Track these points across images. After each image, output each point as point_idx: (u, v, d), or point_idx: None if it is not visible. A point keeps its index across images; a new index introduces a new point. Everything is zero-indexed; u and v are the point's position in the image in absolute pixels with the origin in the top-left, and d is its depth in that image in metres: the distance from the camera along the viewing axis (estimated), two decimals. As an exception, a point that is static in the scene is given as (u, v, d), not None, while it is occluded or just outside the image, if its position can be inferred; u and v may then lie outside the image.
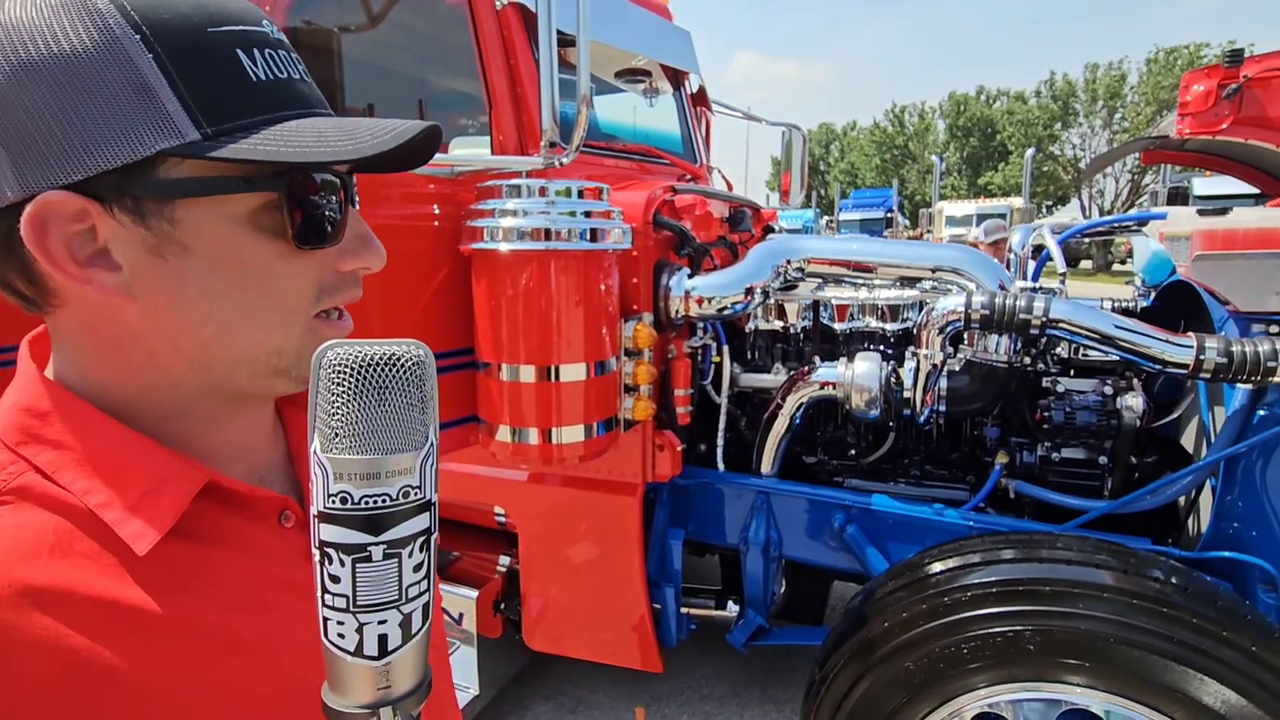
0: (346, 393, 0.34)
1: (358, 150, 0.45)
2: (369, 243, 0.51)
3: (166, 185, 0.42)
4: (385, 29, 2.04)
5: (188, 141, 0.41)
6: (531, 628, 2.22)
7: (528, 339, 1.68)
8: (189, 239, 0.44)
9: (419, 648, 0.37)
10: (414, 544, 0.35)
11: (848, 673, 1.47)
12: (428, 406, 0.36)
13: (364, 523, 0.34)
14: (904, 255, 2.01)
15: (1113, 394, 1.86)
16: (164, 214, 0.43)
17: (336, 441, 0.34)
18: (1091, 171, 14.17)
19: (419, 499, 0.35)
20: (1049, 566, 1.36)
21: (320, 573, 0.34)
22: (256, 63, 0.44)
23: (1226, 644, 1.20)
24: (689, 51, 2.77)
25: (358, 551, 0.34)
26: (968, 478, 2.11)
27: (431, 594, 0.37)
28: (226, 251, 0.45)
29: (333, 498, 0.34)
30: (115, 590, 0.41)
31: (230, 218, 0.45)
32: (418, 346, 0.35)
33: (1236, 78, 2.46)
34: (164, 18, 0.41)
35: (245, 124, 0.43)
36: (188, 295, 0.45)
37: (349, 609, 0.34)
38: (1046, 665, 1.29)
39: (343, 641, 0.35)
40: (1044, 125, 31.52)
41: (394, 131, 0.46)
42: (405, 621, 0.36)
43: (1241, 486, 1.60)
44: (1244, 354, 1.45)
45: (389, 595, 0.35)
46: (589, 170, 2.16)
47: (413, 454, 0.35)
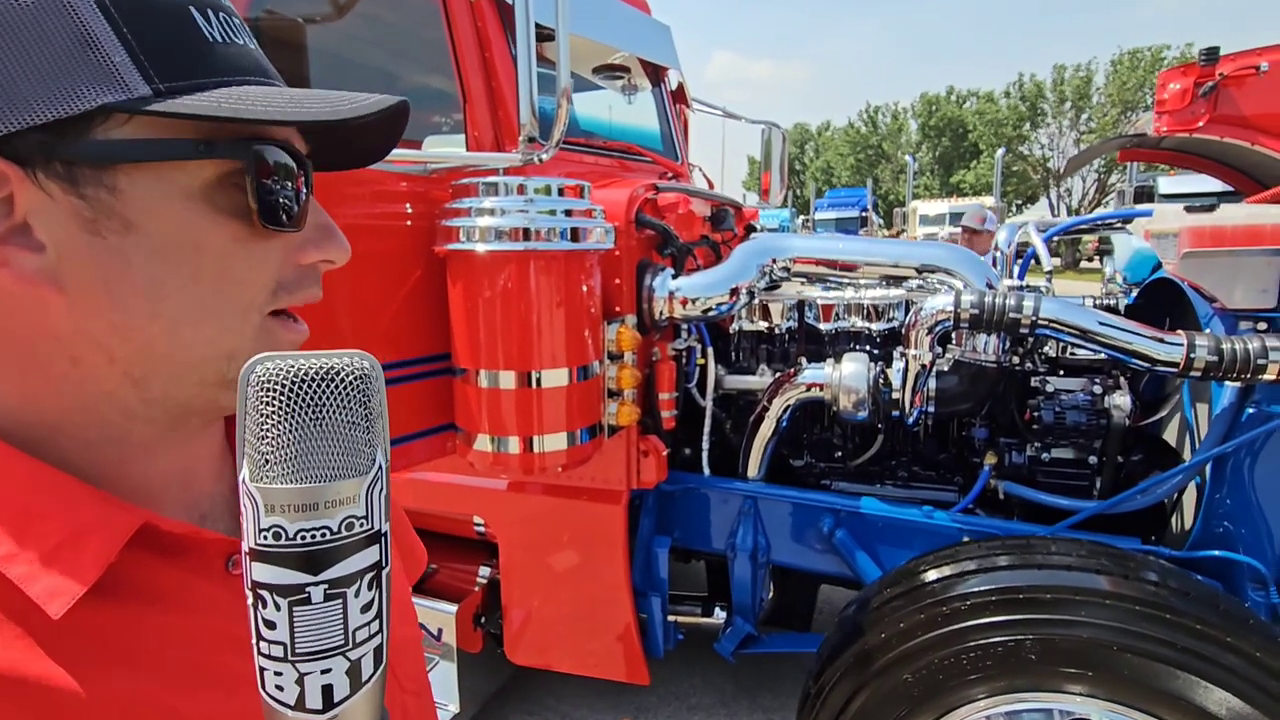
0: (277, 413, 0.30)
1: (335, 112, 0.39)
2: (332, 234, 0.45)
3: (108, 147, 0.36)
4: (353, 21, 1.96)
5: (137, 96, 0.35)
6: (513, 641, 2.15)
7: (507, 343, 1.61)
8: (134, 213, 0.37)
9: (371, 695, 0.33)
10: (360, 581, 0.31)
11: (844, 686, 1.43)
12: (374, 425, 0.32)
13: (301, 560, 0.30)
14: (890, 254, 1.98)
15: (1101, 393, 1.84)
16: (103, 181, 0.36)
17: (267, 469, 0.30)
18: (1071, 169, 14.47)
19: (365, 530, 0.31)
20: (1048, 573, 1.33)
21: (254, 617, 0.30)
22: (211, 24, 0.39)
23: (1230, 650, 1.18)
24: (669, 46, 2.72)
25: (295, 593, 0.30)
26: (956, 479, 2.09)
27: (385, 635, 0.33)
28: (178, 231, 0.38)
29: (264, 533, 0.30)
30: (22, 665, 0.33)
31: (183, 191, 0.38)
32: (361, 358, 0.31)
33: (1212, 76, 2.48)
34: None
35: (202, 83, 0.37)
36: (131, 284, 0.38)
37: (287, 658, 0.30)
38: (1047, 674, 1.26)
39: (281, 694, 0.31)
40: (1013, 125, 32.13)
41: (370, 100, 0.41)
42: (354, 669, 0.32)
43: (1230, 485, 1.59)
44: (1234, 352, 1.44)
45: (333, 641, 0.31)
46: (568, 168, 2.10)
47: (356, 480, 0.31)
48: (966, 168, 34.69)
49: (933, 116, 36.49)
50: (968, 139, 34.83)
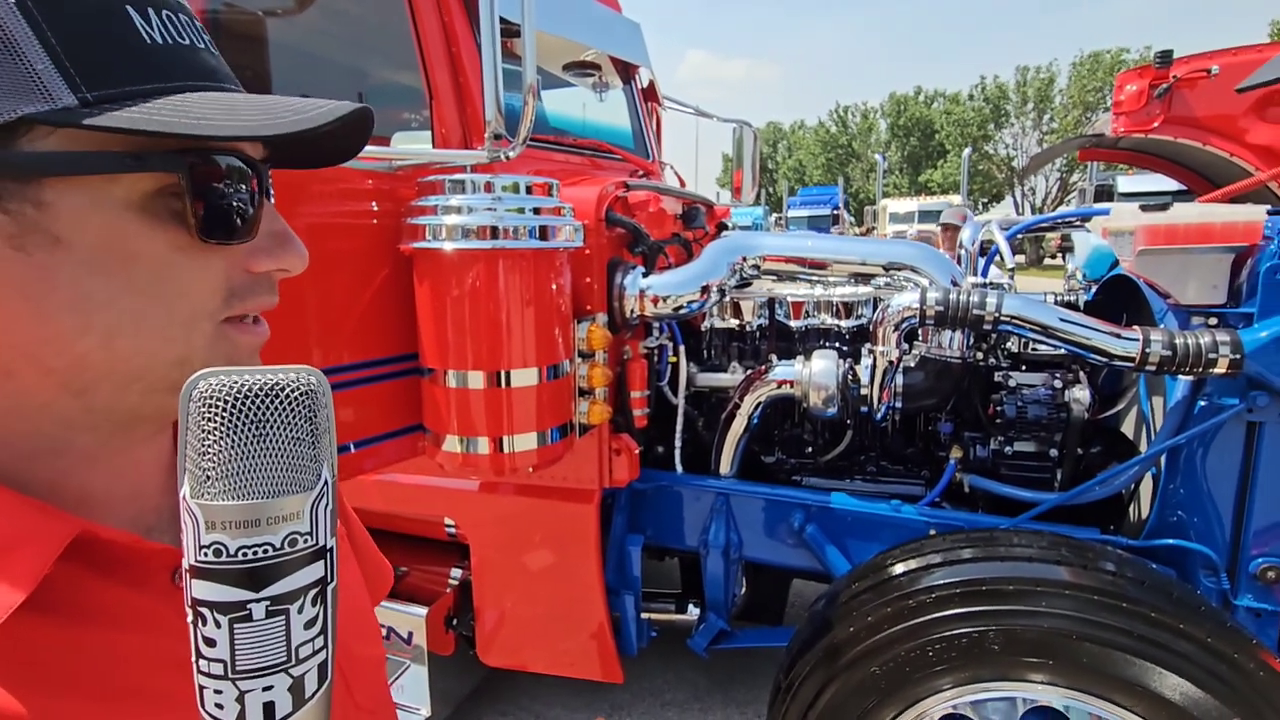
0: (219, 429, 0.29)
1: (275, 126, 0.37)
2: (287, 241, 0.43)
3: (31, 160, 0.34)
4: (315, 14, 1.92)
5: (61, 107, 0.33)
6: (486, 642, 2.14)
7: (475, 343, 1.59)
8: (62, 228, 0.35)
9: (316, 712, 0.33)
10: (305, 598, 0.31)
11: (814, 679, 1.44)
12: (320, 441, 0.32)
13: (243, 577, 0.30)
14: (858, 252, 2.00)
15: (1061, 387, 1.89)
16: (28, 195, 0.34)
17: (208, 485, 0.30)
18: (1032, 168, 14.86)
19: (310, 546, 0.31)
20: (1011, 565, 1.36)
21: (194, 635, 0.30)
22: (151, 23, 0.37)
23: (1183, 636, 1.22)
24: (639, 44, 2.71)
25: (235, 610, 0.30)
26: (923, 473, 2.12)
27: (330, 651, 0.32)
28: (111, 243, 0.37)
29: (205, 550, 0.29)
30: None
31: (117, 202, 0.37)
32: (308, 373, 0.31)
33: (1166, 78, 2.55)
34: None
35: (136, 90, 0.35)
36: (57, 300, 0.36)
37: (227, 675, 0.30)
38: (1011, 664, 1.29)
39: (220, 713, 0.30)
40: (978, 126, 32.76)
41: (319, 110, 0.39)
42: (296, 685, 0.31)
43: (1184, 475, 1.64)
44: (1187, 347, 1.48)
45: (275, 658, 0.31)
46: (537, 165, 2.08)
47: (301, 496, 0.31)
48: (934, 167, 35.31)
49: (901, 116, 37.06)
50: (935, 138, 35.45)
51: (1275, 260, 1.49)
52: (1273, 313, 1.49)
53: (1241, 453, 1.59)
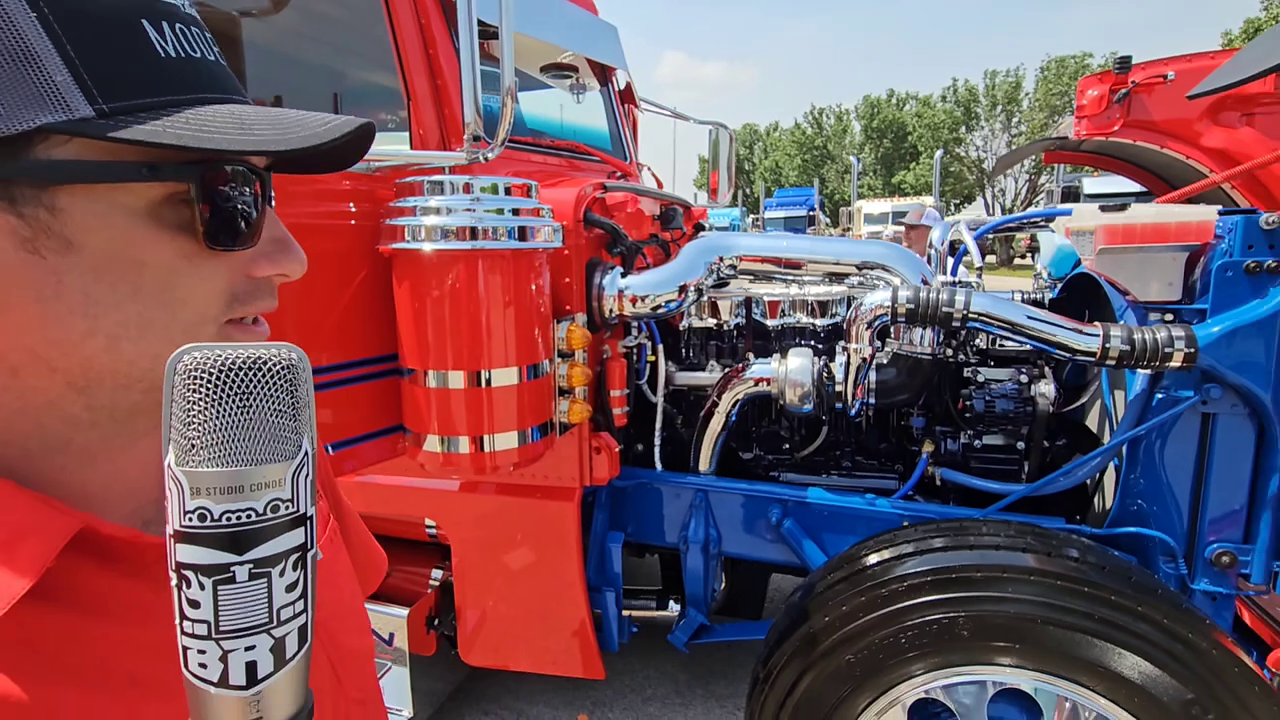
0: (204, 400, 0.31)
1: (285, 141, 0.39)
2: (288, 247, 0.45)
3: (48, 168, 0.35)
4: (292, 15, 1.91)
5: (79, 118, 0.35)
6: (468, 642, 2.14)
7: (455, 343, 1.60)
8: (74, 232, 0.37)
9: (296, 673, 0.34)
10: (285, 562, 0.32)
11: (791, 669, 1.48)
12: (300, 414, 0.33)
13: (226, 541, 0.31)
14: (832, 252, 2.05)
15: (1027, 382, 1.95)
16: (42, 200, 0.36)
17: (193, 454, 0.31)
18: (999, 170, 15.19)
19: (290, 513, 0.32)
20: (979, 553, 1.40)
21: (178, 598, 0.31)
22: (165, 37, 0.38)
23: (1141, 618, 1.27)
24: (616, 47, 2.74)
25: (219, 572, 0.31)
26: (896, 467, 2.17)
27: (310, 615, 0.34)
28: (119, 250, 0.38)
29: (189, 515, 0.30)
30: None
31: (126, 210, 0.38)
32: (289, 350, 0.32)
33: (1125, 83, 2.64)
34: None
35: (151, 103, 0.37)
36: (67, 303, 0.37)
37: (210, 635, 0.31)
38: (979, 649, 1.33)
39: (204, 672, 0.31)
40: (949, 128, 33.35)
41: (326, 125, 0.41)
42: (278, 646, 0.33)
43: (1143, 466, 1.71)
44: (1144, 342, 1.54)
45: (257, 619, 0.32)
46: (515, 167, 2.09)
47: (283, 465, 0.32)
48: (907, 168, 35.87)
49: (875, 119, 37.58)
50: (908, 141, 36.00)
51: (1225, 258, 1.55)
52: (1224, 308, 1.56)
53: (1197, 443, 1.66)
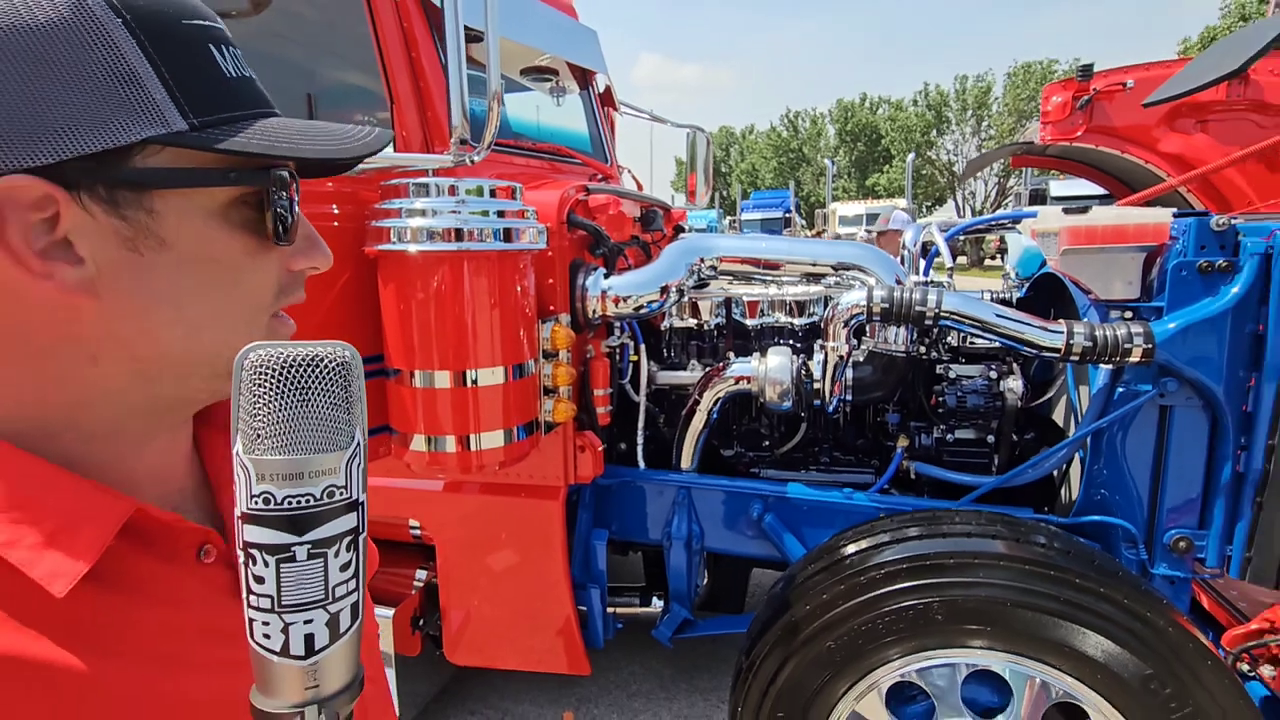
0: (269, 394, 0.34)
1: (349, 150, 0.45)
2: (317, 243, 0.50)
3: (148, 175, 0.40)
4: (271, 17, 1.91)
5: (175, 131, 0.40)
6: (453, 642, 2.15)
7: (441, 344, 1.62)
8: (166, 232, 0.41)
9: (349, 646, 0.36)
10: (340, 543, 0.35)
11: (773, 657, 1.52)
12: (354, 407, 0.36)
13: (287, 523, 0.34)
14: (809, 253, 2.10)
15: (996, 378, 2.02)
16: (142, 204, 0.40)
17: (259, 443, 0.33)
18: (968, 173, 15.53)
19: (345, 499, 0.35)
20: (951, 541, 1.46)
21: (245, 574, 0.34)
22: (225, 58, 0.43)
23: (1104, 599, 1.33)
24: (596, 51, 2.77)
25: (281, 552, 0.34)
26: (873, 461, 2.23)
27: (361, 593, 0.37)
28: (200, 248, 0.43)
29: (255, 499, 0.33)
30: (24, 645, 0.36)
31: (204, 211, 0.43)
32: (343, 348, 0.35)
33: (1088, 90, 2.74)
34: (141, 4, 0.39)
35: (226, 117, 0.42)
36: (159, 293, 0.42)
37: (274, 609, 0.34)
38: (953, 632, 1.39)
39: (268, 642, 0.34)
40: (921, 132, 33.93)
41: (368, 137, 0.47)
42: (333, 621, 0.35)
43: (1106, 457, 1.78)
44: (1105, 338, 1.61)
45: (315, 595, 0.35)
46: (498, 169, 2.12)
47: (338, 454, 0.35)
48: (880, 171, 36.41)
49: (849, 122, 38.08)
50: (881, 144, 36.55)
51: (1180, 258, 1.63)
52: (1179, 306, 1.64)
53: (1155, 435, 1.74)
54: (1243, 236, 1.60)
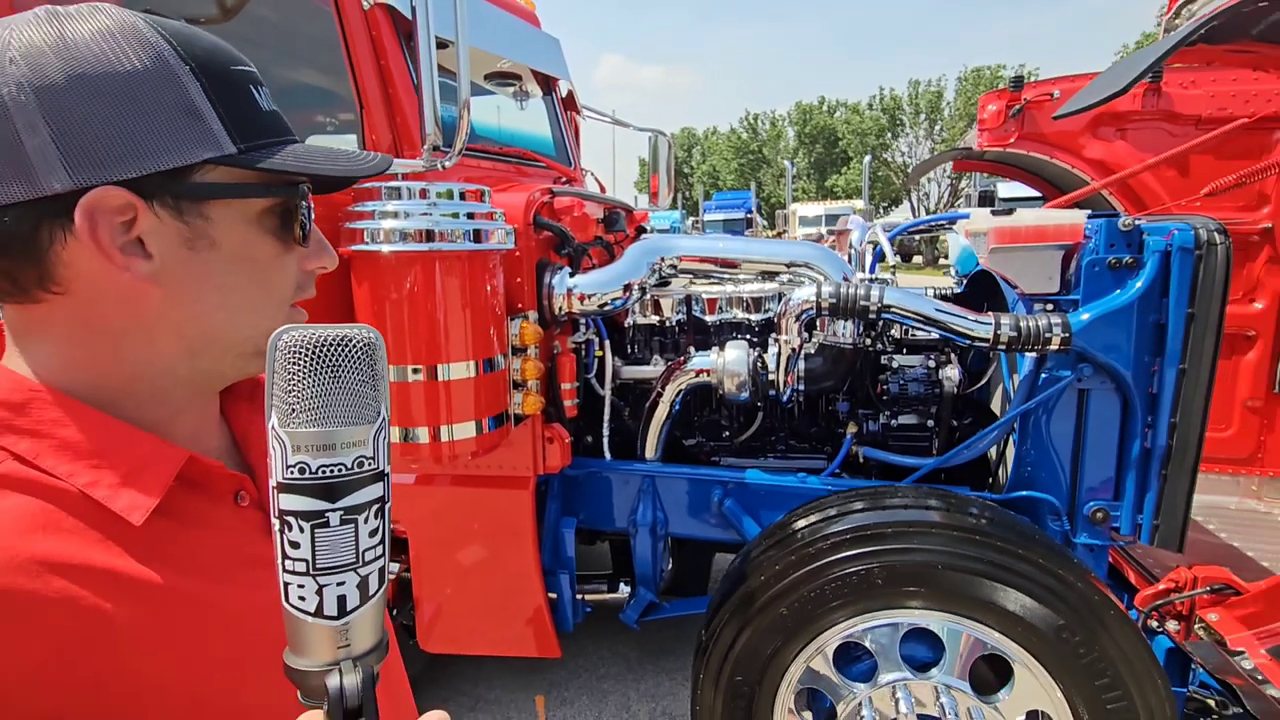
0: (302, 371, 0.36)
1: (361, 170, 0.56)
2: (325, 246, 0.60)
3: (205, 188, 0.50)
4: (240, 23, 1.95)
5: (227, 153, 0.49)
6: (426, 630, 2.21)
7: (414, 340, 1.69)
8: (217, 234, 0.51)
9: (377, 608, 0.39)
10: (369, 510, 0.38)
11: (731, 627, 1.64)
12: (379, 384, 0.39)
13: (321, 491, 0.36)
14: (763, 252, 2.23)
15: (935, 367, 2.18)
16: (199, 211, 0.50)
17: (294, 416, 0.36)
18: (914, 177, 16.08)
19: (373, 469, 0.38)
20: (891, 512, 1.60)
21: (280, 540, 0.36)
22: (260, 96, 0.53)
23: (1022, 559, 1.49)
24: (559, 58, 2.86)
25: (316, 518, 0.36)
26: (825, 448, 2.37)
27: (387, 559, 0.40)
28: (244, 247, 0.53)
29: (291, 469, 0.36)
30: (112, 561, 0.45)
31: (246, 218, 0.53)
32: (369, 330, 0.39)
33: (1019, 100, 2.94)
34: (201, 54, 0.49)
35: (265, 143, 0.52)
36: (209, 284, 0.51)
37: (309, 572, 0.36)
38: (892, 595, 1.53)
39: (303, 604, 0.37)
40: (877, 135, 34.80)
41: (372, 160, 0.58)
42: (363, 583, 0.38)
43: (1032, 437, 1.95)
44: (1028, 328, 1.77)
45: (347, 558, 0.37)
46: (466, 173, 2.19)
47: (366, 427, 0.38)
48: (839, 173, 37.20)
49: (807, 124, 38.82)
50: (839, 146, 37.34)
51: (1093, 255, 1.80)
52: (1092, 299, 1.81)
53: (1075, 416, 1.91)
54: (1147, 236, 1.77)
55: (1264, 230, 2.72)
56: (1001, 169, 3.46)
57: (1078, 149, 2.93)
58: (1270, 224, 2.71)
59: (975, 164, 3.57)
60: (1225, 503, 2.81)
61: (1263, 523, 2.68)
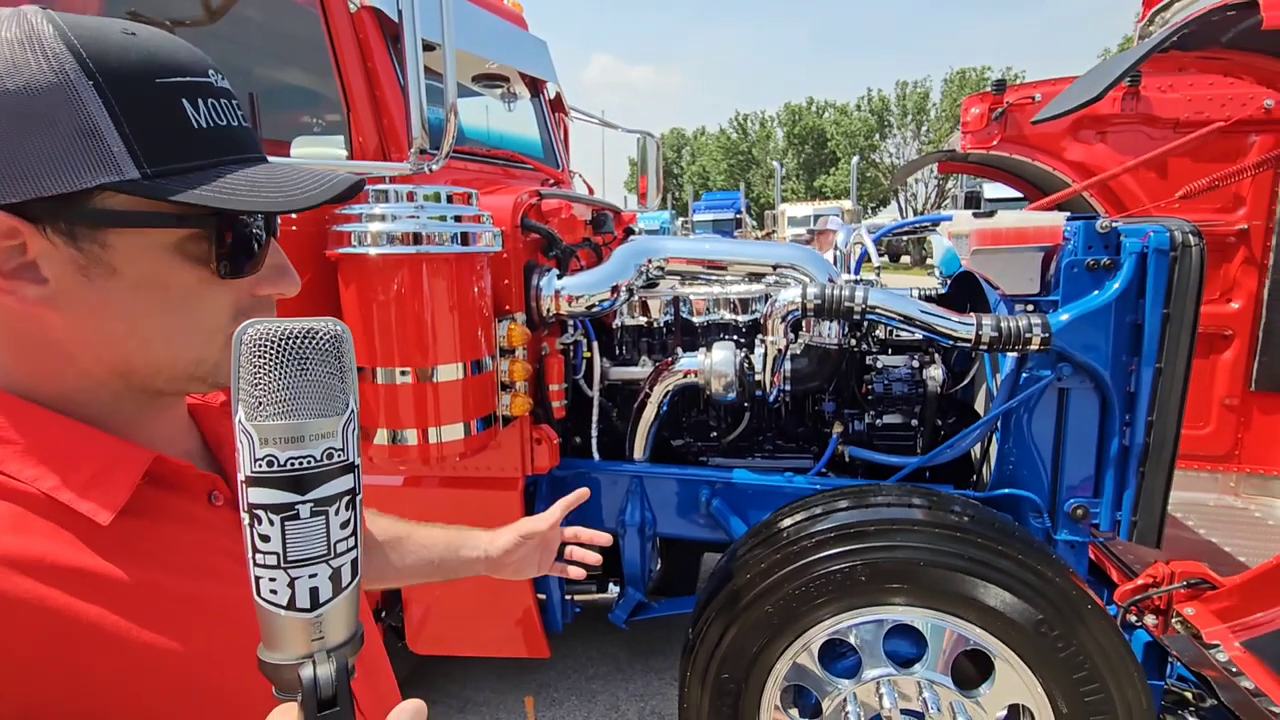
0: (269, 364, 0.36)
1: (287, 203, 0.50)
2: (285, 272, 0.57)
3: (102, 215, 0.47)
4: (226, 25, 1.95)
5: (127, 179, 0.46)
6: (415, 632, 2.22)
7: (402, 342, 1.70)
8: (118, 262, 0.48)
9: (350, 600, 0.39)
10: (340, 502, 0.38)
11: (717, 625, 1.65)
12: (346, 377, 0.39)
13: (290, 483, 0.36)
14: (750, 253, 2.25)
15: (919, 367, 2.20)
16: (96, 238, 0.47)
17: (261, 410, 0.36)
18: (899, 179, 16.24)
19: (342, 460, 0.38)
20: (875, 510, 1.63)
21: (250, 535, 0.36)
22: (199, 111, 0.49)
23: (1001, 555, 1.51)
24: (546, 60, 2.87)
25: (286, 510, 0.36)
26: (811, 447, 2.39)
27: (359, 550, 0.40)
28: (152, 276, 0.49)
29: (259, 462, 0.36)
30: (82, 560, 0.45)
31: (159, 246, 0.49)
32: (335, 323, 0.39)
33: (1002, 103, 2.99)
34: (115, 66, 0.46)
35: (184, 167, 0.48)
36: (110, 313, 0.49)
37: (280, 565, 0.36)
38: (876, 591, 1.55)
39: (275, 597, 0.37)
40: (865, 136, 35.03)
41: (322, 187, 0.53)
42: (335, 575, 0.38)
43: (1014, 436, 1.98)
44: (1009, 328, 1.80)
45: (318, 550, 0.37)
46: (453, 175, 2.19)
47: (335, 419, 0.37)
48: (827, 174, 37.40)
49: (796, 125, 38.98)
50: (827, 147, 37.54)
51: (1072, 257, 1.84)
52: (1071, 299, 1.84)
53: (1055, 415, 1.94)
54: (1124, 238, 1.81)
55: (1240, 231, 2.78)
56: (985, 171, 3.51)
57: (1059, 151, 2.97)
58: (1246, 225, 2.77)
59: (959, 166, 3.61)
60: (1204, 499, 2.87)
61: (1240, 518, 2.74)
